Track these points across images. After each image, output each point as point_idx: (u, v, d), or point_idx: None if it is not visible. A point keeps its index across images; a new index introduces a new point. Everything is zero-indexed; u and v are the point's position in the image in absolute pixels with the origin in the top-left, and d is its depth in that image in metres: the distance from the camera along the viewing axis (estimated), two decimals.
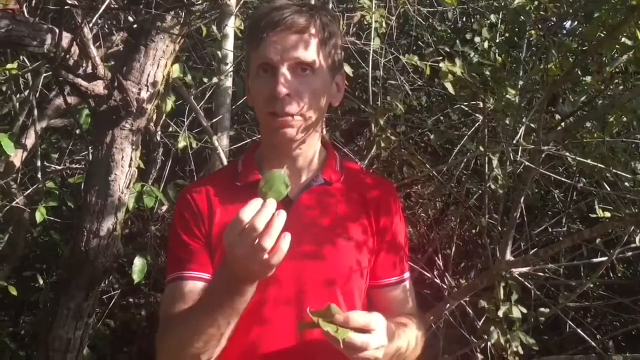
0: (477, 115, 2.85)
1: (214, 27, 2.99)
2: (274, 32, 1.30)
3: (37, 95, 3.09)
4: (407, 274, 1.51)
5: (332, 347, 1.31)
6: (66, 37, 2.07)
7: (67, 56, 2.08)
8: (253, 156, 1.48)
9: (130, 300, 4.26)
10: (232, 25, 2.96)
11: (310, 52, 1.32)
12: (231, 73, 2.98)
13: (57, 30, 2.03)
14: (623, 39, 2.02)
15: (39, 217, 2.91)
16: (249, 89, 1.42)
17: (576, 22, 2.65)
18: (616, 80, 2.55)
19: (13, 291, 3.12)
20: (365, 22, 3.16)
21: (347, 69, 2.74)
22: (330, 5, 2.89)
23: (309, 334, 1.32)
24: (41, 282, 3.52)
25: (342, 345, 1.11)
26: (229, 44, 2.97)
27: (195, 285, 1.35)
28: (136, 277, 2.64)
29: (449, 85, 2.09)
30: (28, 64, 3.08)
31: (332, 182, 1.44)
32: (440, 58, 2.28)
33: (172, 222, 1.46)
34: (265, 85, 1.32)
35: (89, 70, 2.17)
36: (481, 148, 2.29)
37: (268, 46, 1.30)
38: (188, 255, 1.38)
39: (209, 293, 1.26)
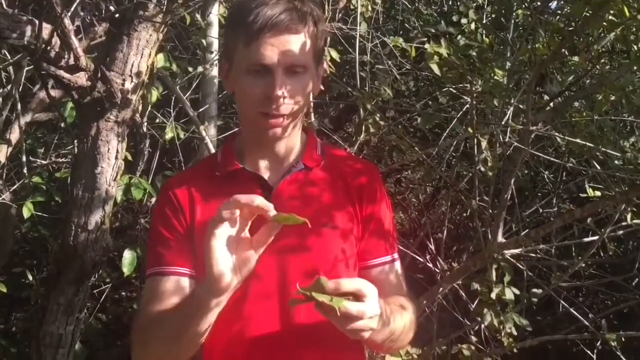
0: (466, 98, 2.84)
1: (198, 15, 2.96)
2: (270, 33, 1.27)
3: (20, 89, 3.05)
4: (396, 255, 1.49)
5: (317, 334, 1.30)
6: (46, 29, 2.03)
7: (48, 48, 2.04)
8: (233, 146, 1.46)
9: (122, 293, 4.25)
10: (216, 12, 2.93)
11: (304, 54, 1.31)
12: (217, 62, 2.95)
13: (37, 22, 2.00)
14: (610, 17, 2.01)
15: (26, 212, 2.88)
16: (227, 76, 1.40)
17: (562, 1, 2.64)
18: (603, 59, 2.54)
19: (3, 288, 3.09)
20: (351, 7, 3.14)
21: (334, 54, 2.72)
22: None
23: (294, 324, 1.31)
24: (31, 278, 3.49)
25: (340, 313, 1.08)
26: (214, 32, 2.94)
27: (175, 280, 1.34)
28: (126, 270, 2.62)
29: (435, 67, 2.07)
30: (9, 57, 3.03)
31: (312, 168, 1.42)
32: (427, 40, 2.26)
33: (153, 217, 1.45)
34: (258, 85, 1.30)
35: (71, 62, 2.12)
36: (470, 130, 2.27)
37: (264, 47, 1.27)
38: (168, 250, 1.37)
39: (184, 303, 1.27)
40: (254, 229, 1.17)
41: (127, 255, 2.63)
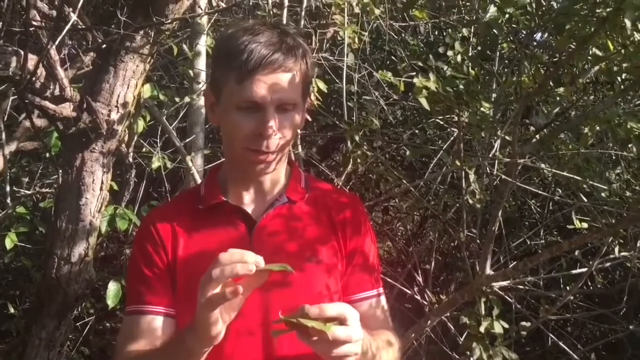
0: (453, 128, 2.85)
1: (185, 46, 2.96)
2: (263, 72, 1.26)
3: (5, 118, 3.02)
4: (381, 290, 1.47)
5: None
6: (32, 59, 2.01)
7: (34, 79, 2.02)
8: (216, 178, 1.45)
9: (107, 324, 4.18)
10: (203, 43, 2.93)
11: (295, 92, 1.31)
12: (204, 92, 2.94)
13: (22, 53, 1.98)
14: (594, 50, 2.03)
15: (9, 243, 2.84)
16: (213, 108, 1.38)
17: (547, 34, 2.67)
18: (588, 91, 2.57)
19: None
20: (339, 38, 3.16)
21: (321, 85, 2.73)
22: (303, 22, 2.87)
23: (277, 358, 1.29)
24: (13, 310, 3.43)
25: (331, 338, 1.06)
26: (201, 63, 2.95)
27: (152, 319, 1.33)
28: (110, 302, 2.58)
29: (423, 101, 2.08)
30: None
31: (295, 201, 1.41)
32: (414, 73, 2.27)
33: (133, 248, 1.43)
34: (248, 122, 1.29)
35: (57, 92, 2.11)
36: (457, 162, 2.27)
37: (257, 85, 1.26)
38: (147, 289, 1.35)
39: (171, 347, 1.26)
40: None
41: (112, 287, 2.60)
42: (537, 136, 2.46)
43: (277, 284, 1.30)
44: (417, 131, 3.81)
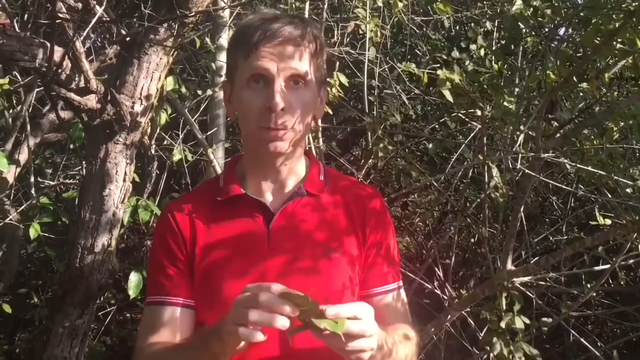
0: (474, 123, 2.84)
1: (208, 40, 2.97)
2: (270, 44, 1.27)
3: (29, 110, 3.06)
4: (401, 283, 1.47)
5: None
6: (58, 52, 2.03)
7: (59, 70, 2.04)
8: (234, 170, 1.45)
9: (127, 315, 4.22)
10: (225, 37, 2.94)
11: (304, 64, 1.29)
12: None
13: (48, 45, 2.00)
14: (620, 45, 2.01)
15: (33, 233, 2.87)
16: (229, 99, 1.39)
17: (572, 29, 2.64)
18: (613, 87, 2.54)
19: (8, 309, 3.08)
20: (360, 32, 3.15)
21: (343, 79, 2.72)
22: (325, 15, 2.87)
23: (293, 351, 1.26)
24: (36, 299, 3.48)
25: (342, 333, 1.06)
26: (223, 56, 2.96)
27: (171, 310, 1.36)
28: (132, 292, 2.61)
29: (447, 93, 2.07)
30: (20, 79, 3.05)
31: (314, 194, 1.40)
32: (437, 66, 2.26)
33: (153, 242, 1.44)
34: (258, 97, 1.28)
35: (82, 84, 2.13)
36: (480, 156, 2.26)
37: (263, 57, 1.27)
38: (167, 280, 1.37)
39: (188, 343, 1.29)
40: None
41: (133, 278, 2.63)
42: (561, 131, 2.44)
43: (297, 278, 1.30)
44: (437, 126, 3.79)
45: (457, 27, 4.15)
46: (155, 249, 1.42)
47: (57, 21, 2.03)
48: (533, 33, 2.47)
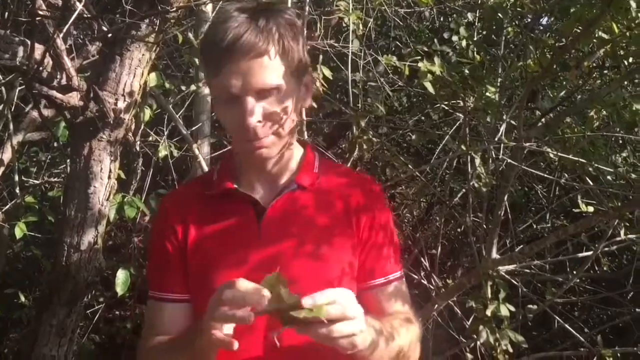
0: (458, 114, 2.85)
1: (191, 35, 2.96)
2: (232, 61, 1.23)
3: (12, 109, 3.04)
4: (400, 273, 1.44)
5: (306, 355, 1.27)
6: (39, 49, 2.02)
7: (41, 68, 2.03)
8: (228, 164, 1.45)
9: (116, 312, 4.21)
10: None
11: (272, 76, 1.25)
12: None
13: (29, 42, 1.99)
14: (599, 33, 2.03)
15: (18, 232, 2.85)
16: (215, 106, 1.41)
17: (552, 18, 2.66)
18: (594, 75, 2.56)
19: None
20: (343, 25, 3.15)
21: (327, 72, 2.73)
22: (307, 9, 2.87)
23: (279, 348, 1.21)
24: (23, 298, 3.46)
25: (325, 318, 1.04)
26: None
27: (167, 306, 1.39)
28: (120, 290, 2.60)
29: (428, 85, 2.08)
30: (1, 77, 3.02)
31: (306, 187, 1.39)
32: (419, 58, 2.27)
33: (151, 234, 1.45)
34: (233, 116, 1.27)
35: (64, 81, 2.12)
36: (463, 147, 2.28)
37: (228, 77, 1.23)
38: (162, 274, 1.40)
39: (178, 340, 1.32)
40: None
41: (121, 275, 2.62)
42: (543, 120, 2.46)
43: (288, 271, 1.24)
44: (422, 117, 3.81)
45: (442, 19, 4.17)
46: (152, 243, 1.45)
47: (37, 18, 2.02)
48: (514, 23, 2.49)
